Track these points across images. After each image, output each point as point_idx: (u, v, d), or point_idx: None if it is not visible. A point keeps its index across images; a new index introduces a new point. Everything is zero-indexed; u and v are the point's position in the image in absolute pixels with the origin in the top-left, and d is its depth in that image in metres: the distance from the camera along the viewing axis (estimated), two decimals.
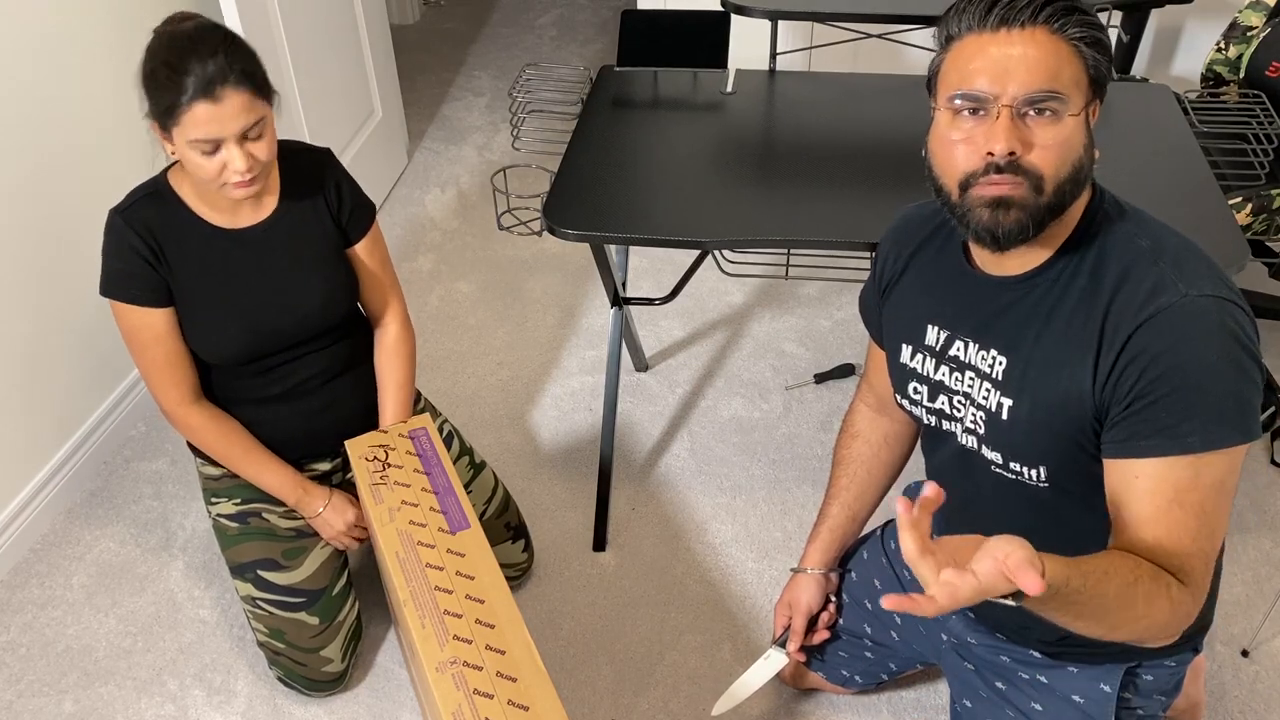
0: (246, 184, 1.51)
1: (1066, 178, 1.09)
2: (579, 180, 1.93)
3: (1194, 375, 1.07)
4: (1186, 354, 1.07)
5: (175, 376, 1.66)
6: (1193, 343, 1.07)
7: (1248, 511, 2.16)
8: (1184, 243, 1.14)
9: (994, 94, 1.07)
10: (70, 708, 1.86)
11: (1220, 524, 1.11)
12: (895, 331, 1.36)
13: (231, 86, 1.44)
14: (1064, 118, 1.07)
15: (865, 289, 1.46)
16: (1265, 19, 2.48)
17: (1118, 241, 1.14)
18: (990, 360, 1.22)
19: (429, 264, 2.97)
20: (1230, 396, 1.07)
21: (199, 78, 1.42)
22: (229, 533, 1.80)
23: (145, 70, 1.47)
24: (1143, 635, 1.08)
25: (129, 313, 1.61)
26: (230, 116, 1.45)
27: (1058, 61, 1.07)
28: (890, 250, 1.37)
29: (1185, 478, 1.09)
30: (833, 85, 2.26)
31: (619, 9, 4.37)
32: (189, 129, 1.44)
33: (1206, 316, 1.08)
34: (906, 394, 1.35)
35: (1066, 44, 1.08)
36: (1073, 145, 1.09)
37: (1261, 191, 2.22)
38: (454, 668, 1.35)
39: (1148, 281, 1.10)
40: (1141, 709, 1.38)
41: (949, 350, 1.27)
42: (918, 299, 1.31)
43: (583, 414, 2.46)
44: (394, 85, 3.34)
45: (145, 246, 1.58)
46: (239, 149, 1.47)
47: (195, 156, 1.48)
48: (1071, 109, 1.07)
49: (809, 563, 1.62)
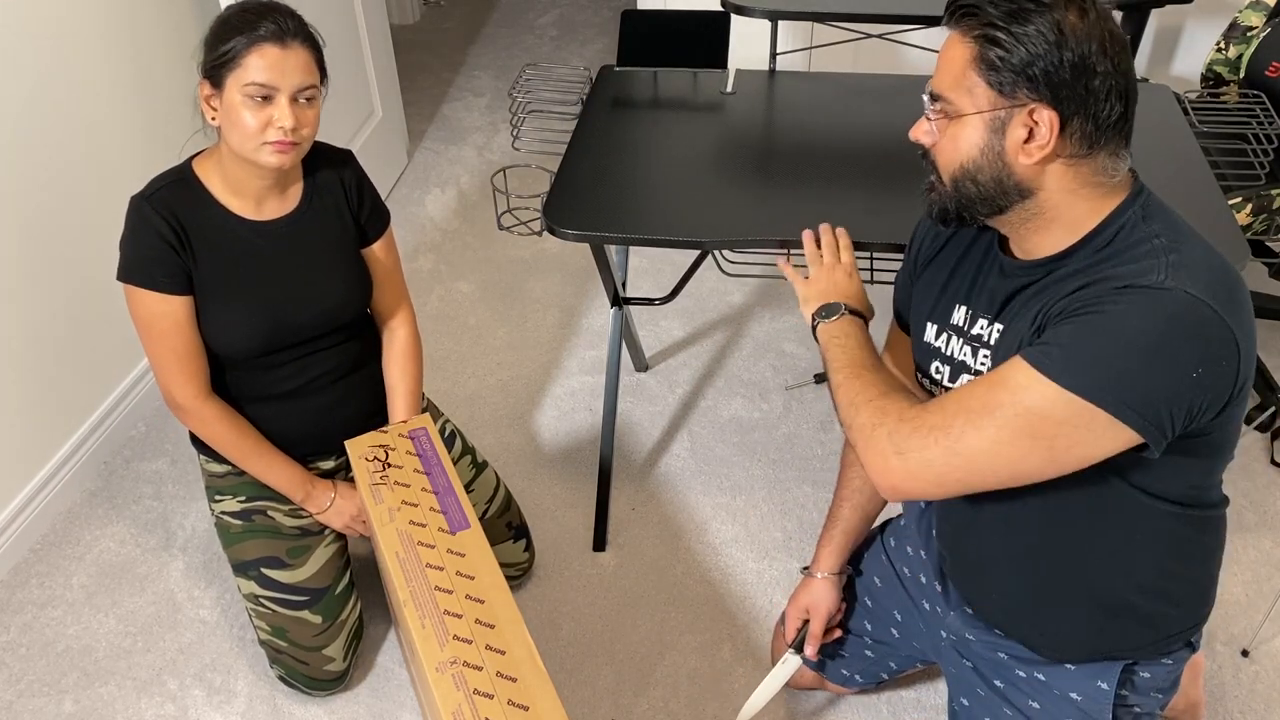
0: (286, 146, 1.52)
1: (958, 174, 1.16)
2: (579, 180, 1.93)
3: (1107, 328, 1.06)
4: (1120, 313, 1.06)
5: (190, 368, 1.66)
6: (1134, 310, 1.06)
7: (1247, 511, 2.16)
8: (1205, 253, 1.12)
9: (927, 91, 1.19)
10: (70, 708, 1.86)
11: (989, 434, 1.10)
12: (923, 309, 1.38)
13: (300, 43, 1.51)
14: (954, 119, 1.14)
15: (901, 273, 1.49)
16: (1265, 19, 2.48)
17: (1139, 239, 1.13)
18: (994, 333, 1.25)
19: (429, 264, 2.98)
20: (1118, 369, 1.05)
21: (274, 23, 1.49)
22: (232, 530, 1.80)
23: (216, 23, 1.51)
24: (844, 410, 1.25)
25: (149, 300, 1.60)
26: (293, 68, 1.50)
27: (953, 65, 1.13)
28: (928, 232, 1.41)
29: (1014, 380, 1.09)
30: (833, 85, 2.26)
31: (619, 9, 4.37)
32: (251, 70, 1.47)
33: (1168, 303, 1.05)
34: (928, 373, 1.37)
35: (968, 46, 1.12)
36: (956, 146, 1.15)
37: (1261, 191, 2.22)
38: (454, 668, 1.35)
39: (1139, 265, 1.09)
40: (1139, 706, 1.38)
41: (971, 329, 1.29)
42: (948, 279, 1.34)
43: (583, 414, 2.46)
44: (394, 85, 3.34)
45: (170, 231, 1.58)
46: (289, 106, 1.50)
47: (243, 109, 1.49)
48: (959, 111, 1.13)
49: (824, 566, 1.62)
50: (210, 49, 1.51)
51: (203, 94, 1.54)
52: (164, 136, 2.42)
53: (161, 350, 1.64)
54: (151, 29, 2.37)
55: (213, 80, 1.51)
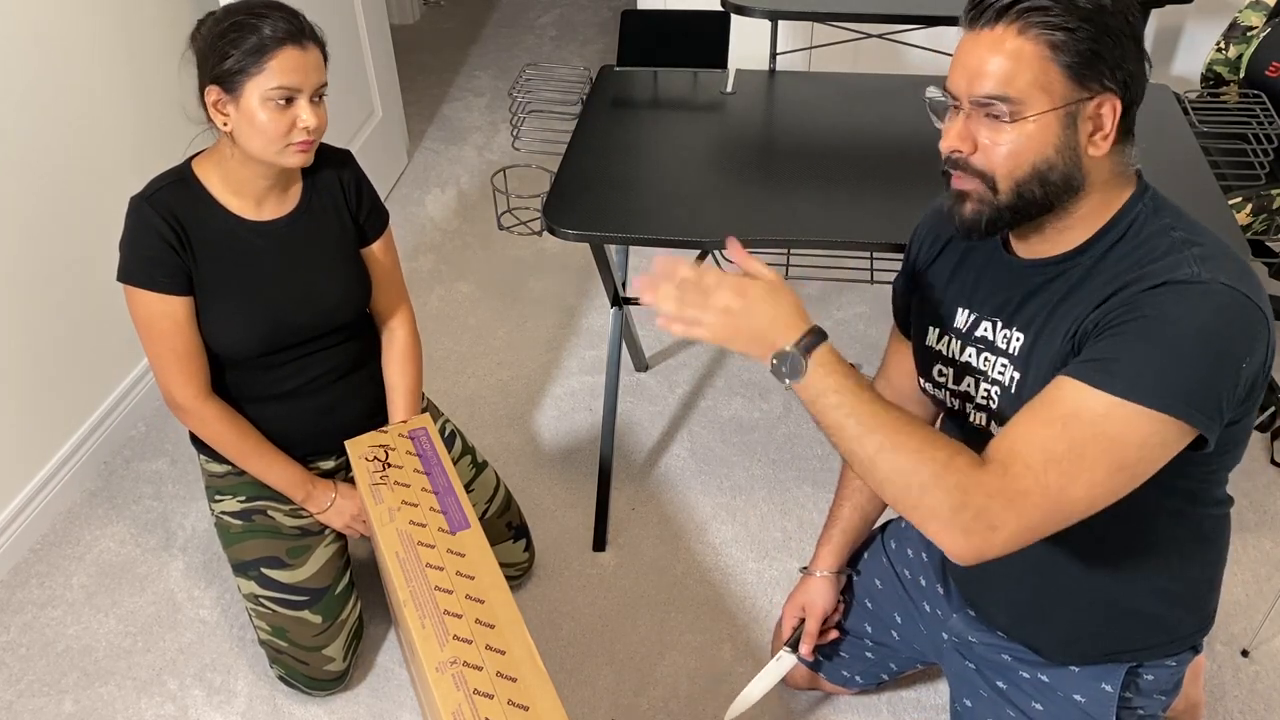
0: (308, 146, 1.53)
1: (1025, 178, 1.10)
2: (579, 180, 1.93)
3: (1163, 332, 1.04)
4: (1169, 313, 1.04)
5: (191, 368, 1.66)
6: (1181, 308, 1.04)
7: (1247, 511, 2.16)
8: (1219, 242, 1.12)
9: (956, 93, 1.11)
10: (70, 708, 1.86)
11: (1084, 479, 1.04)
12: (924, 314, 1.36)
13: (313, 42, 1.51)
14: (1018, 120, 1.08)
15: (897, 278, 1.46)
16: (1265, 19, 2.48)
17: (1153, 233, 1.13)
18: (1014, 339, 1.22)
19: (429, 264, 2.97)
20: (1185, 373, 1.03)
21: (290, 24, 1.48)
22: (233, 530, 1.80)
23: (216, 31, 1.48)
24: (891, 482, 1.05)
25: (149, 300, 1.60)
26: (313, 67, 1.51)
27: (1015, 64, 1.07)
28: (926, 235, 1.38)
29: (1087, 410, 1.04)
30: (833, 85, 2.26)
31: (619, 9, 4.37)
32: (275, 74, 1.47)
33: (1211, 296, 1.05)
34: (931, 377, 1.36)
35: (1032, 44, 1.07)
36: (1026, 148, 1.09)
37: (1261, 191, 2.22)
38: (454, 668, 1.35)
39: (1167, 261, 1.09)
40: (1142, 709, 1.38)
41: (975, 331, 1.27)
42: (949, 283, 1.32)
43: (583, 414, 2.46)
44: (394, 85, 3.34)
45: (171, 231, 1.57)
46: (311, 106, 1.51)
47: (265, 113, 1.49)
48: (1032, 110, 1.07)
49: (822, 565, 1.62)
50: (219, 55, 1.47)
51: (210, 100, 1.51)
52: (163, 136, 2.42)
53: (162, 351, 1.64)
54: (149, 29, 2.37)
55: (225, 87, 1.48)
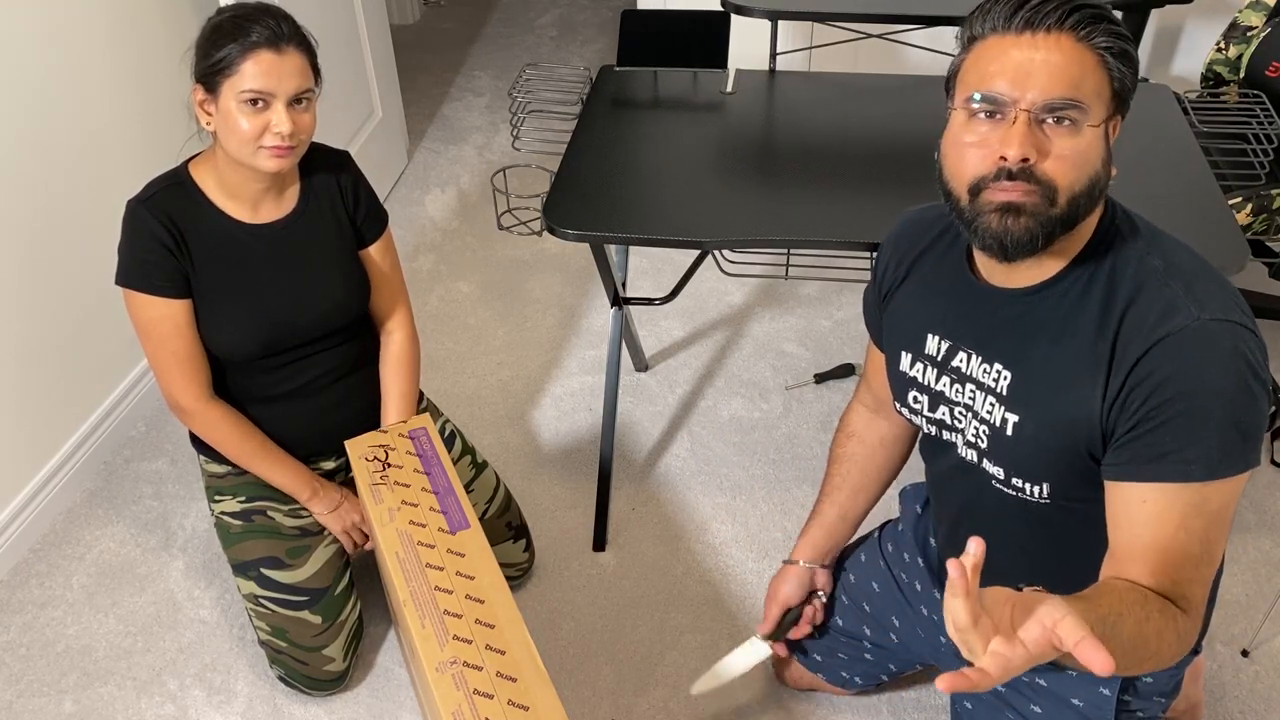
0: (284, 151, 1.52)
1: (1081, 191, 1.06)
2: (579, 180, 1.93)
3: (1202, 401, 1.05)
4: (1196, 379, 1.06)
5: (191, 371, 1.66)
6: (1203, 368, 1.06)
7: (1248, 511, 2.16)
8: (1197, 262, 1.12)
9: (1013, 98, 1.04)
10: (70, 708, 1.86)
11: (1219, 549, 1.11)
12: (895, 339, 1.35)
13: (294, 47, 1.51)
14: (1083, 128, 1.05)
15: (868, 289, 1.45)
16: (1265, 19, 2.48)
17: (1130, 259, 1.12)
18: (994, 374, 1.20)
19: (429, 264, 2.98)
20: (1237, 425, 1.06)
21: (268, 28, 1.48)
22: (232, 530, 1.80)
23: (207, 29, 1.51)
24: (1149, 668, 1.06)
25: (148, 304, 1.60)
26: (289, 73, 1.49)
27: (1081, 70, 1.04)
28: (891, 256, 1.36)
29: (1190, 505, 1.07)
30: (833, 85, 2.26)
31: (619, 9, 4.37)
32: (246, 77, 1.47)
33: (1219, 341, 1.06)
34: (906, 402, 1.35)
35: (1092, 53, 1.05)
36: (1089, 158, 1.06)
37: (1261, 191, 2.22)
38: (454, 668, 1.35)
39: (1160, 303, 1.08)
40: (1141, 711, 1.38)
41: (951, 361, 1.26)
42: (918, 307, 1.30)
43: (583, 414, 2.46)
44: (394, 85, 3.34)
45: (168, 235, 1.58)
46: (286, 112, 1.50)
47: (239, 114, 1.49)
48: (1091, 120, 1.05)
49: (797, 555, 1.62)
50: (203, 54, 1.50)
51: (196, 99, 1.53)
52: (164, 139, 2.42)
53: (162, 354, 1.64)
54: (150, 31, 2.37)
55: (207, 86, 1.51)
